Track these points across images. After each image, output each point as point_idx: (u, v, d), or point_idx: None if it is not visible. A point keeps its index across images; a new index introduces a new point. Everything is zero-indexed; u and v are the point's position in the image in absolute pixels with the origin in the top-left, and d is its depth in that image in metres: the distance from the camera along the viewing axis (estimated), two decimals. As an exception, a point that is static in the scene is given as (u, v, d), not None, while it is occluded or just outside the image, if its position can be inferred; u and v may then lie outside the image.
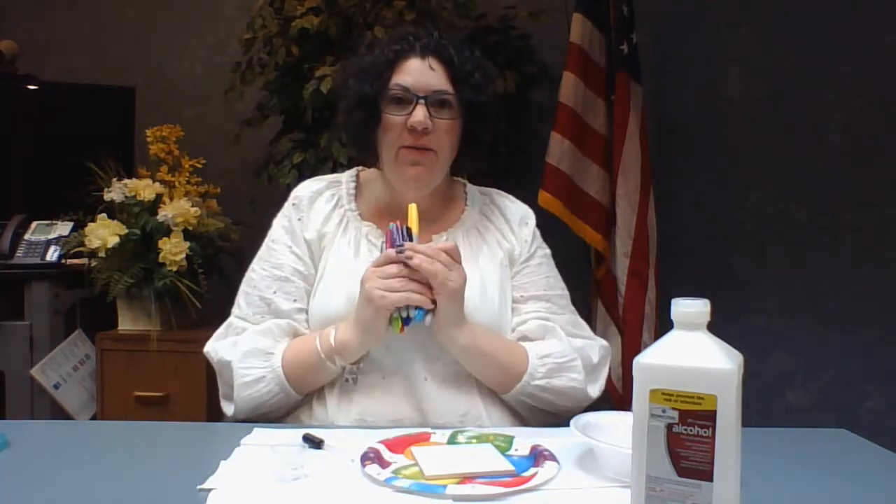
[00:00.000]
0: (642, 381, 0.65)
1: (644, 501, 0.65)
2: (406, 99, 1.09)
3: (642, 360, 0.66)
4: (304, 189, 1.21)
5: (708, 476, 0.62)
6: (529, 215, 1.26)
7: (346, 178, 1.24)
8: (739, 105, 2.53)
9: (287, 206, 1.21)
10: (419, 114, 1.08)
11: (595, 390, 1.15)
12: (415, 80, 1.10)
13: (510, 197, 1.29)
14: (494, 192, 1.29)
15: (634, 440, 0.66)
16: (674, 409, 0.63)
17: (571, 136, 2.22)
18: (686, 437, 0.63)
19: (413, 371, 1.08)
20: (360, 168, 1.26)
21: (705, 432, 0.62)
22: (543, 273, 1.22)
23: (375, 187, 1.22)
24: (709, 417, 0.62)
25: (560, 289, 1.22)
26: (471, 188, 1.27)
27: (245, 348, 1.09)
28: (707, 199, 2.55)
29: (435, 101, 1.09)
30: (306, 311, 1.15)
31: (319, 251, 1.17)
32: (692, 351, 0.64)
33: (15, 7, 2.83)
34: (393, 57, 1.12)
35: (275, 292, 1.13)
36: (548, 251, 1.25)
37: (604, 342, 1.20)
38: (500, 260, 1.19)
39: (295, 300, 1.13)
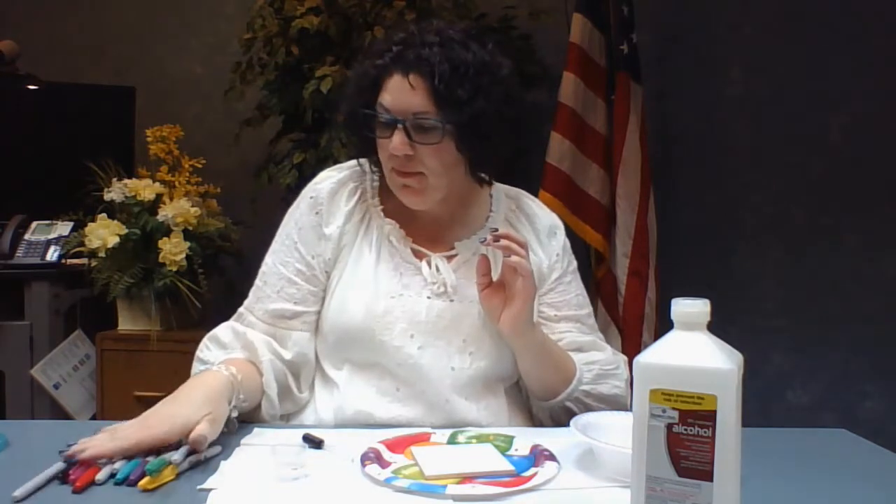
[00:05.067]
0: (642, 380, 0.65)
1: (644, 501, 0.65)
2: (387, 122, 1.03)
3: (642, 360, 0.65)
4: (326, 181, 1.15)
5: (708, 476, 0.62)
6: (558, 226, 1.21)
7: (369, 166, 1.16)
8: (739, 105, 2.53)
9: (303, 198, 1.15)
10: (395, 141, 1.02)
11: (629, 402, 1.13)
12: (394, 100, 1.02)
13: (537, 202, 1.23)
14: (522, 195, 1.23)
15: (634, 440, 0.66)
16: (674, 409, 0.63)
17: (571, 136, 2.22)
18: (686, 437, 0.63)
19: (440, 385, 1.06)
20: None
21: (705, 432, 0.62)
22: (574, 291, 1.19)
23: None
24: (709, 417, 0.62)
25: (587, 306, 1.20)
26: (497, 190, 1.21)
27: (215, 331, 1.11)
28: (707, 199, 2.55)
29: (416, 125, 1.01)
30: (316, 314, 1.12)
31: (339, 249, 1.12)
32: (692, 351, 0.64)
33: (15, 7, 2.83)
34: (375, 74, 1.05)
35: (278, 292, 1.11)
36: (576, 264, 1.22)
37: (625, 357, 1.18)
38: None
39: (296, 303, 1.10)
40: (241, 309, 1.15)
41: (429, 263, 1.11)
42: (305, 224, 1.13)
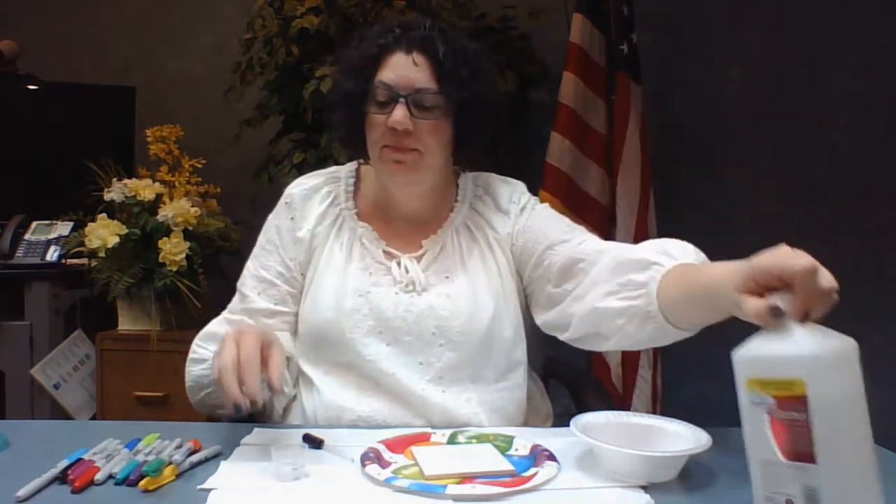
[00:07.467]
0: (740, 372, 0.68)
1: (761, 484, 0.67)
2: (388, 97, 1.05)
3: (737, 354, 0.69)
4: (298, 187, 1.18)
5: (811, 458, 0.63)
6: (518, 190, 1.19)
7: (345, 172, 1.20)
8: (739, 105, 2.53)
9: (280, 204, 1.18)
10: (398, 114, 1.03)
11: None
12: (397, 76, 1.04)
13: (504, 179, 1.21)
14: (490, 177, 1.21)
15: (744, 427, 0.68)
16: (770, 396, 0.65)
17: (571, 136, 2.22)
18: (785, 422, 0.65)
19: (411, 381, 1.07)
20: (362, 161, 1.21)
21: (801, 416, 0.64)
22: (551, 214, 1.16)
23: (372, 184, 1.18)
24: (801, 401, 0.63)
25: (577, 226, 1.14)
26: (464, 179, 1.20)
27: (206, 329, 1.11)
28: (707, 199, 2.55)
29: (417, 100, 1.04)
30: (294, 315, 1.14)
31: (310, 252, 1.15)
32: (781, 340, 0.67)
33: (15, 7, 2.83)
34: (377, 51, 1.07)
35: (259, 294, 1.13)
36: (546, 205, 1.19)
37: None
38: (497, 259, 1.14)
39: (276, 303, 1.13)
40: (224, 313, 1.16)
41: (398, 264, 1.12)
42: (283, 228, 1.16)
